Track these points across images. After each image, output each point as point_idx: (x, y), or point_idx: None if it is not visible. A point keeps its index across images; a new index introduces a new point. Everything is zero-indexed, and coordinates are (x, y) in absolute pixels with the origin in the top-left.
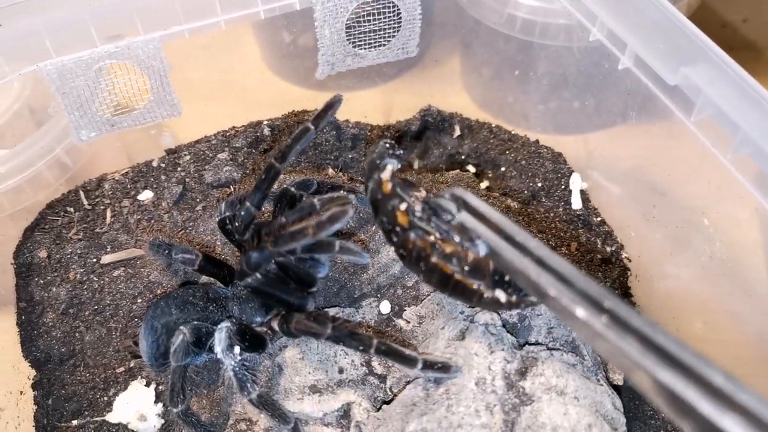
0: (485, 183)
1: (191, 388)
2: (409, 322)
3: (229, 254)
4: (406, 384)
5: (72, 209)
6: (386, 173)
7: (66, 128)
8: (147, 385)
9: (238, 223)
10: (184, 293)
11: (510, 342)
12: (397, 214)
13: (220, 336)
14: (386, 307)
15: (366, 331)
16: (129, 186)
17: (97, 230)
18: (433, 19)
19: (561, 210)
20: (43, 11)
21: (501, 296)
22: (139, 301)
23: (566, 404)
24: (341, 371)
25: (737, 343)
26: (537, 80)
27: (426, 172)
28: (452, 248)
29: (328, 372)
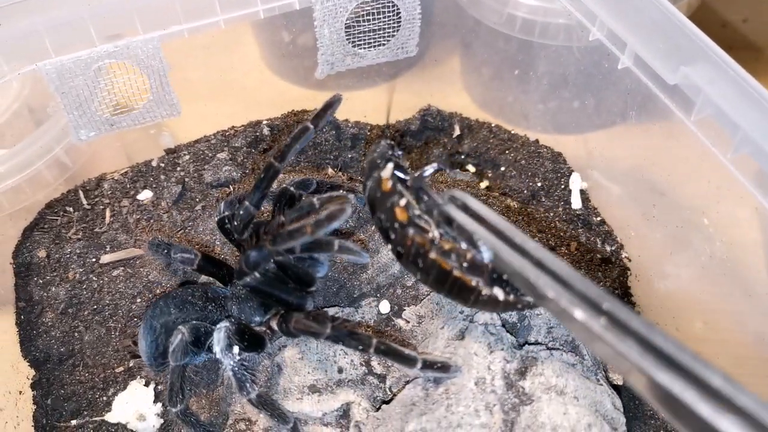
0: (485, 183)
1: (190, 388)
2: (409, 322)
3: (229, 254)
4: (406, 384)
5: (71, 209)
6: (386, 171)
7: (65, 128)
8: (146, 385)
9: (237, 223)
10: (183, 293)
11: (509, 342)
12: (396, 210)
13: (219, 336)
14: (386, 307)
15: (365, 331)
16: (128, 186)
17: (97, 230)
18: (433, 19)
19: (561, 210)
20: (42, 11)
21: (499, 294)
22: (139, 301)
23: (566, 404)
24: (340, 371)
25: (737, 343)
26: (537, 80)
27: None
28: (451, 245)
29: (328, 372)
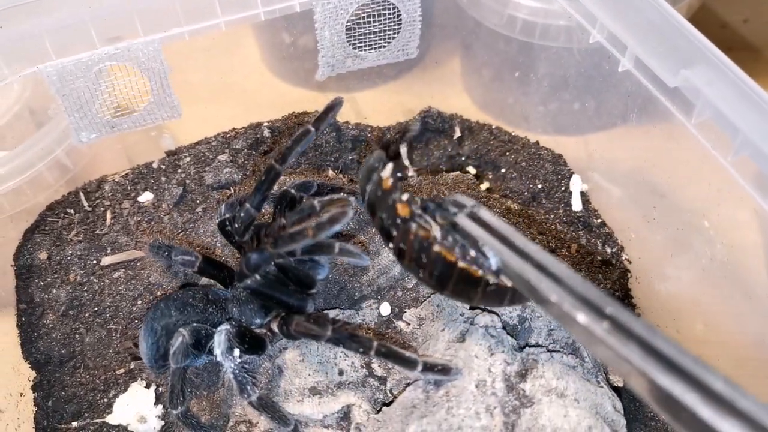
0: (485, 184)
1: (191, 390)
2: (409, 324)
3: (229, 256)
4: (406, 386)
5: (72, 211)
6: (386, 171)
7: (66, 130)
8: (147, 387)
9: (238, 225)
10: (184, 295)
11: (510, 344)
12: (398, 206)
13: (220, 339)
14: (386, 309)
15: (366, 334)
16: (129, 187)
17: (97, 232)
18: (434, 21)
19: (561, 212)
20: (43, 13)
21: (507, 281)
22: (139, 303)
23: (566, 406)
24: (341, 373)
25: (738, 345)
26: (537, 82)
27: (426, 174)
28: (454, 241)
29: (328, 374)
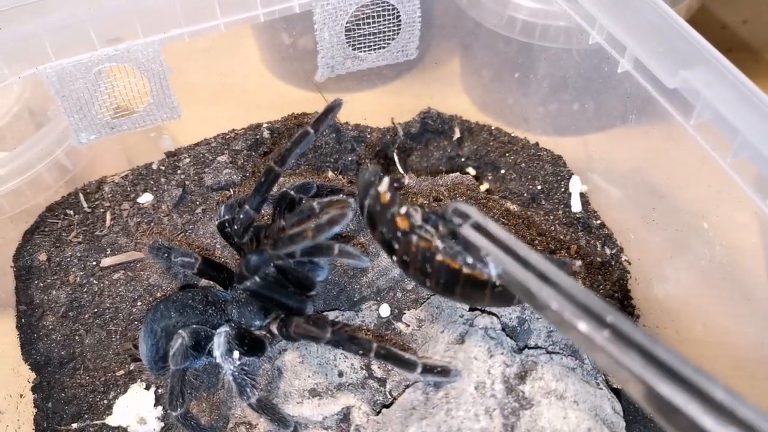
0: (485, 185)
1: (190, 392)
2: (409, 326)
3: (229, 257)
4: (406, 388)
5: (72, 212)
6: (383, 185)
7: (66, 131)
8: (147, 388)
9: (237, 226)
10: (184, 296)
11: (509, 346)
12: (397, 220)
13: (219, 341)
14: (386, 311)
15: (365, 335)
16: (129, 189)
17: (97, 233)
18: (433, 21)
19: (561, 213)
20: (43, 14)
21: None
22: (139, 304)
23: (566, 408)
24: (341, 375)
25: (736, 346)
26: (537, 82)
27: (426, 175)
28: (453, 248)
29: (328, 375)
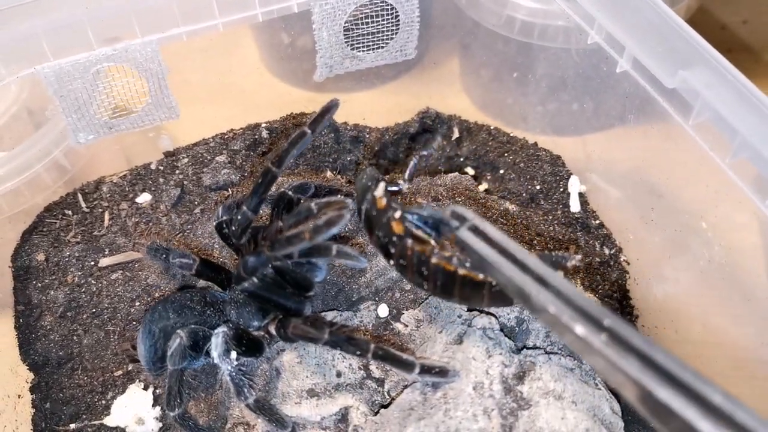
0: (484, 185)
1: (188, 392)
2: (407, 326)
3: (228, 257)
4: (404, 388)
5: (70, 212)
6: (379, 190)
7: (64, 131)
8: (145, 389)
9: (235, 228)
10: (182, 298)
11: (508, 346)
12: (393, 224)
13: (217, 341)
14: (384, 311)
15: (363, 336)
16: (127, 189)
17: (95, 233)
18: (432, 21)
19: (559, 213)
20: (41, 14)
21: None
22: (137, 304)
23: (564, 408)
24: (339, 375)
25: (736, 346)
26: (536, 82)
27: (424, 175)
28: (451, 252)
29: (326, 376)
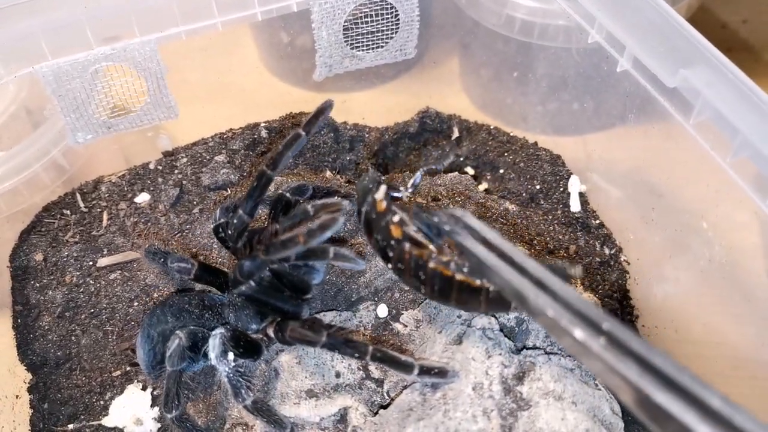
0: (483, 185)
1: (186, 394)
2: (407, 326)
3: (226, 257)
4: (403, 389)
5: (68, 212)
6: (380, 193)
7: (62, 130)
8: (143, 389)
9: (232, 231)
10: (180, 301)
11: (507, 346)
12: (391, 227)
13: (214, 343)
14: (383, 311)
15: (362, 338)
16: (126, 188)
17: (94, 233)
18: (432, 21)
19: (560, 212)
20: (39, 13)
21: None
22: (136, 305)
23: (564, 409)
24: (338, 375)
25: (736, 346)
26: (536, 82)
27: (424, 175)
28: (449, 257)
29: (325, 376)
